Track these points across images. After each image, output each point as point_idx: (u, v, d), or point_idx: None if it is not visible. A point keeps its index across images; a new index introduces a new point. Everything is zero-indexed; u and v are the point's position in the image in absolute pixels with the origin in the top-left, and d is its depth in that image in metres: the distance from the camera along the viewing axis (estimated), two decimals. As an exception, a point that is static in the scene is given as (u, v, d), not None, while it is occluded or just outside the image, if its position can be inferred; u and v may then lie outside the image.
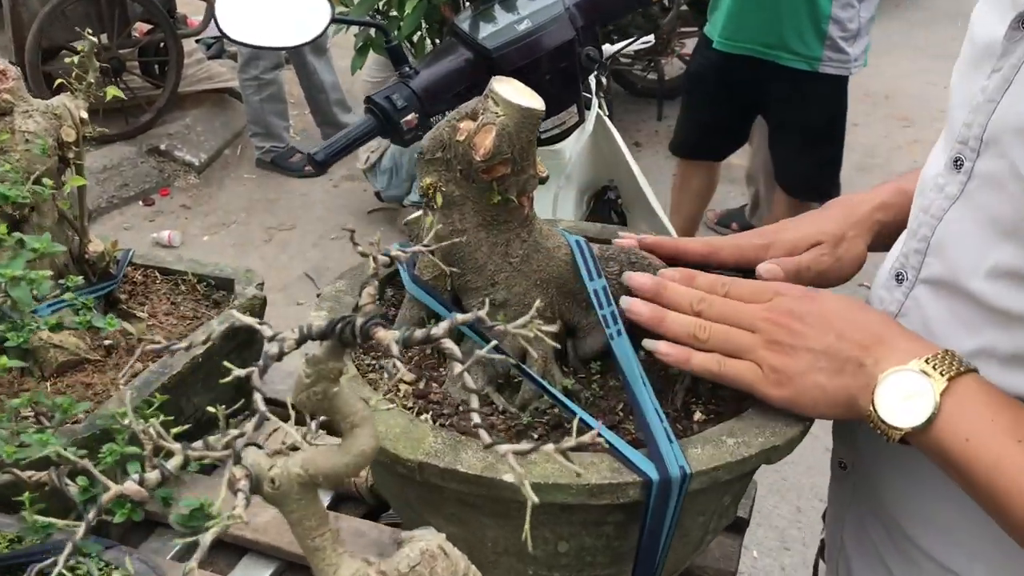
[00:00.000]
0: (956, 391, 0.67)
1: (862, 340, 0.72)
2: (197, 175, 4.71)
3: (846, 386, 0.72)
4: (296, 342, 0.50)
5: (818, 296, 0.78)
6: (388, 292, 1.01)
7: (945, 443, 0.68)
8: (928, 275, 0.77)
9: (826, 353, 0.73)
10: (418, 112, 1.51)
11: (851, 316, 0.75)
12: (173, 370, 1.03)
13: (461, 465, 0.73)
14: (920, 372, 0.68)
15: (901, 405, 0.69)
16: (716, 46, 2.85)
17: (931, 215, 0.76)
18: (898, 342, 0.72)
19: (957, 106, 0.77)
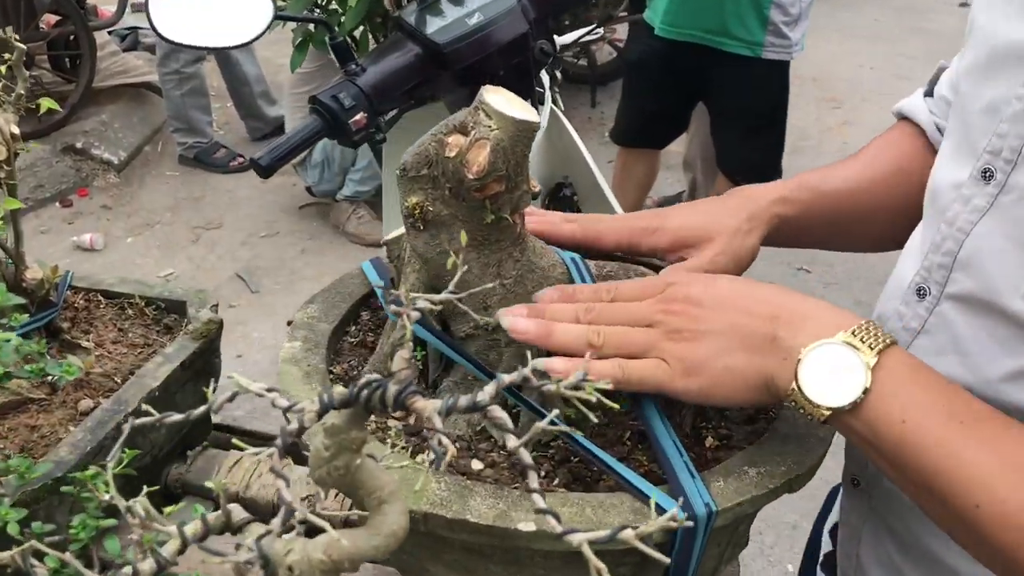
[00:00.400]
0: (887, 366, 0.63)
1: (770, 312, 0.68)
2: (117, 174, 4.51)
3: (761, 364, 0.67)
4: (317, 414, 0.43)
5: (712, 278, 0.74)
6: (364, 315, 0.94)
7: (878, 423, 0.63)
8: (956, 291, 0.73)
9: (732, 332, 0.68)
10: (367, 111, 1.44)
11: (751, 292, 0.71)
12: (128, 407, 0.95)
13: (471, 515, 0.67)
14: (847, 345, 0.63)
15: (828, 381, 0.63)
16: (658, 33, 2.82)
17: (957, 228, 0.72)
18: (814, 312, 0.67)
19: (977, 113, 0.72)
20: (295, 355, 0.83)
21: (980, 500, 0.59)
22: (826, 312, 0.67)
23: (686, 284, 0.72)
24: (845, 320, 0.66)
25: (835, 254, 3.89)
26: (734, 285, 0.72)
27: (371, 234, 4.00)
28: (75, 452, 0.88)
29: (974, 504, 0.59)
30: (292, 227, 4.18)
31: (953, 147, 0.77)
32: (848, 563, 0.88)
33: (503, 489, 0.69)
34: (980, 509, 0.59)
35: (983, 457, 0.60)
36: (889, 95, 5.30)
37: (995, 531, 0.59)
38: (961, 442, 0.60)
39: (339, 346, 0.89)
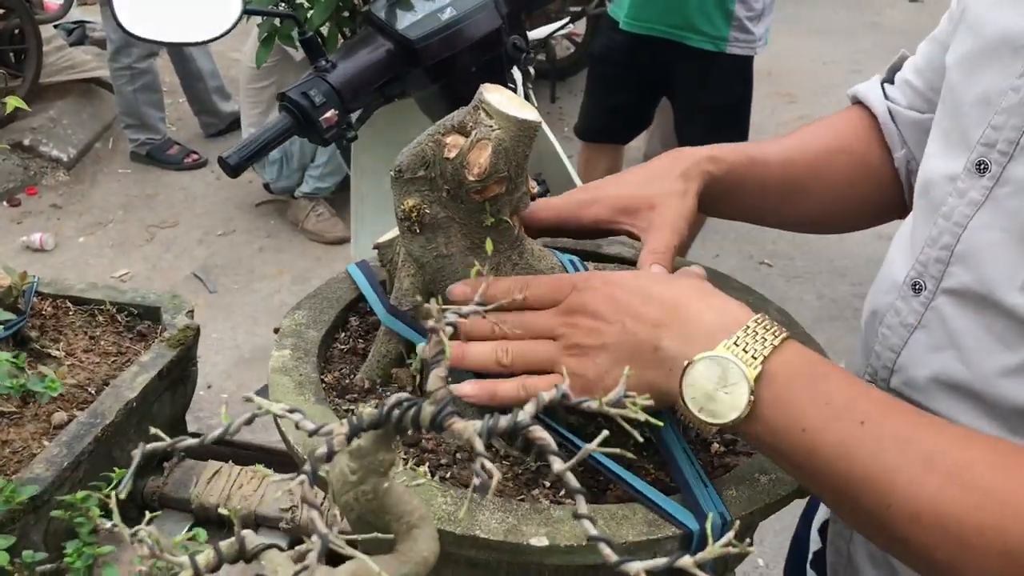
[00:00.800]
0: (776, 373, 0.60)
1: (655, 316, 0.65)
2: (66, 171, 4.39)
3: (647, 376, 0.64)
4: (347, 437, 0.41)
5: (613, 279, 0.70)
6: (352, 321, 0.91)
7: (776, 435, 0.61)
8: (952, 285, 0.72)
9: (621, 343, 0.65)
10: (337, 108, 1.40)
11: (645, 292, 0.67)
12: (106, 420, 0.91)
13: (480, 530, 0.64)
14: (729, 356, 0.61)
15: (712, 396, 0.61)
16: (623, 27, 2.80)
17: (953, 222, 0.71)
18: (701, 315, 0.64)
19: (970, 104, 0.72)
20: (285, 364, 0.80)
21: (890, 500, 0.57)
22: (714, 314, 0.64)
23: (589, 290, 0.69)
24: (729, 321, 0.63)
25: (795, 247, 3.92)
26: (633, 283, 0.69)
27: (331, 231, 3.94)
28: (52, 468, 0.84)
29: (885, 505, 0.58)
30: (249, 225, 4.10)
31: (943, 138, 0.76)
32: (839, 560, 0.87)
33: (511, 502, 0.67)
34: (891, 510, 0.57)
35: (888, 457, 0.58)
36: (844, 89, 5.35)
37: (909, 531, 0.57)
38: (865, 444, 0.58)
39: (329, 353, 0.86)
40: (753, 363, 0.60)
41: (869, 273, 3.75)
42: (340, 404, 0.79)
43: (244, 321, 3.43)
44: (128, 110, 4.42)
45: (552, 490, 0.72)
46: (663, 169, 0.84)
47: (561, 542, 0.63)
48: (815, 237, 3.97)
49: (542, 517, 0.65)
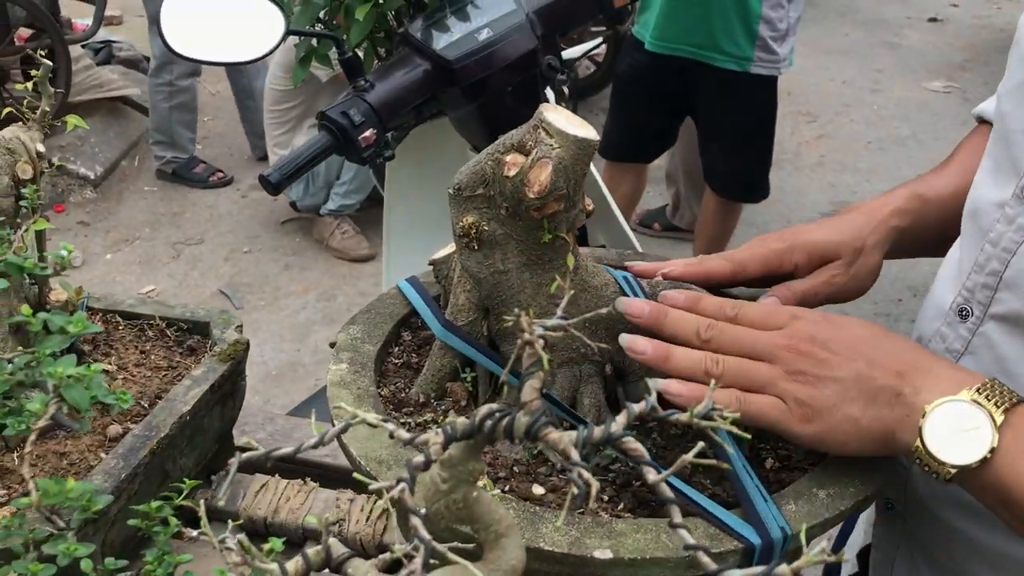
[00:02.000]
0: (1015, 423, 0.62)
1: (896, 367, 0.67)
2: (94, 189, 4.44)
3: (881, 418, 0.66)
4: (443, 446, 0.42)
5: (840, 320, 0.71)
6: (405, 336, 0.92)
7: (1006, 480, 0.62)
8: (1000, 311, 0.73)
9: (857, 382, 0.67)
10: (376, 127, 1.43)
11: (878, 342, 0.69)
12: (160, 432, 0.92)
13: (544, 542, 0.65)
14: (973, 403, 0.63)
15: (953, 439, 0.63)
16: (648, 47, 2.83)
17: (1002, 248, 0.72)
18: (939, 370, 0.66)
19: (1021, 132, 0.72)
20: (343, 378, 0.81)
21: None
22: (952, 371, 0.66)
23: (814, 323, 0.70)
24: (970, 379, 0.65)
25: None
26: (863, 332, 0.70)
27: (356, 249, 3.97)
28: (110, 480, 0.85)
29: None
30: (274, 242, 4.14)
31: (994, 166, 0.77)
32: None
33: (572, 515, 0.68)
34: None
35: None
36: (863, 108, 5.37)
37: None
38: None
39: (384, 367, 0.87)
40: (997, 411, 0.62)
41: (893, 293, 3.75)
42: (398, 417, 0.80)
43: (270, 338, 3.45)
44: (160, 127, 4.46)
45: (611, 504, 0.73)
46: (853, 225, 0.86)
47: (625, 555, 0.64)
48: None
49: (605, 530, 0.66)
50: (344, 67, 1.48)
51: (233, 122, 5.11)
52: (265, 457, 0.45)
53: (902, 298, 3.71)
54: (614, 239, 1.97)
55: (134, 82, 5.03)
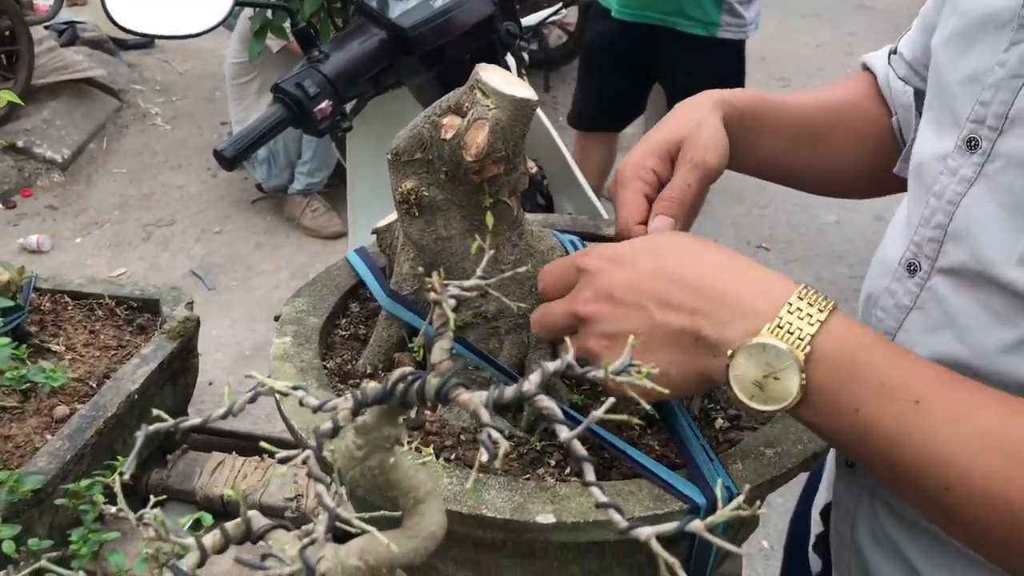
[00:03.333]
0: (826, 355, 0.58)
1: (690, 303, 0.62)
2: (62, 172, 4.38)
3: (689, 363, 0.62)
4: (352, 412, 0.41)
5: (626, 254, 0.66)
6: (353, 307, 0.90)
7: (828, 417, 0.59)
8: (947, 264, 0.71)
9: (651, 333, 0.63)
10: (332, 98, 1.40)
11: (666, 273, 0.64)
12: (108, 412, 0.91)
13: (487, 509, 0.64)
14: (774, 343, 0.58)
15: (764, 383, 0.59)
16: (615, 15, 2.80)
17: (946, 200, 0.70)
18: (735, 292, 0.62)
19: (958, 84, 0.71)
20: (287, 351, 0.80)
21: (948, 482, 0.56)
22: (752, 293, 0.62)
23: (598, 273, 0.67)
24: (772, 299, 0.60)
25: (793, 230, 3.92)
26: (649, 264, 0.65)
27: (327, 227, 3.94)
28: (55, 461, 0.84)
29: (943, 487, 0.57)
30: (246, 222, 4.09)
31: (934, 119, 0.76)
32: (842, 544, 0.86)
33: (516, 481, 0.67)
34: (950, 492, 0.57)
35: (944, 438, 0.56)
36: (837, 71, 5.36)
37: (967, 512, 0.56)
38: (920, 425, 0.57)
39: (330, 340, 0.86)
40: (800, 344, 0.58)
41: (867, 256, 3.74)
42: (343, 389, 0.79)
43: (243, 318, 3.43)
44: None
45: (557, 469, 0.72)
46: (685, 109, 0.83)
47: (567, 519, 0.63)
48: (810, 220, 3.97)
49: (548, 495, 0.65)
50: (298, 38, 1.45)
51: (203, 101, 5.04)
52: (173, 428, 0.43)
53: (876, 260, 3.72)
54: (581, 207, 1.96)
55: (99, 63, 4.96)
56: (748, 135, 0.86)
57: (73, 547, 0.59)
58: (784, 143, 0.90)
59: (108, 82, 4.95)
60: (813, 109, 0.91)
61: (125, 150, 4.60)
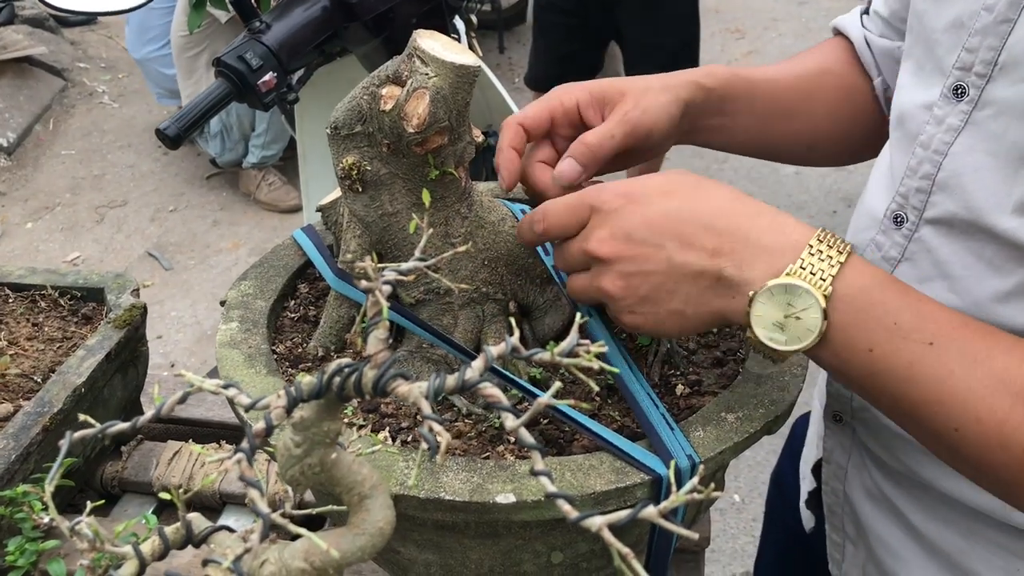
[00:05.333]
0: (845, 295, 0.59)
1: (711, 243, 0.62)
2: (8, 157, 4.27)
3: (707, 303, 0.62)
4: (286, 409, 0.38)
5: (641, 193, 0.65)
6: (301, 288, 0.88)
7: (844, 356, 0.60)
8: (936, 215, 0.70)
9: (670, 273, 0.62)
10: (276, 70, 1.36)
11: (686, 212, 0.63)
12: (54, 408, 0.88)
13: (445, 492, 0.62)
14: (797, 283, 0.59)
15: (783, 323, 0.60)
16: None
17: (932, 150, 0.69)
18: (756, 235, 0.61)
19: (941, 31, 0.69)
20: (233, 337, 0.77)
21: (958, 423, 0.57)
22: (770, 234, 0.61)
23: (613, 213, 0.65)
24: (790, 247, 0.60)
25: (752, 182, 3.92)
26: (667, 205, 0.64)
27: (284, 200, 3.88)
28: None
29: (953, 428, 0.58)
30: (201, 199, 4.02)
31: (915, 68, 0.74)
32: (835, 499, 0.86)
33: (475, 461, 0.65)
34: (959, 432, 0.58)
35: (957, 379, 0.57)
36: (791, 21, 5.34)
37: (977, 452, 0.58)
38: (933, 366, 0.58)
39: (279, 323, 0.83)
40: (822, 285, 0.59)
41: (827, 205, 3.77)
42: (294, 374, 0.77)
43: (203, 297, 3.38)
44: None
45: (517, 445, 0.70)
46: (645, 78, 0.80)
47: (528, 498, 0.62)
48: (771, 172, 3.98)
49: (507, 474, 0.64)
50: (237, 8, 1.40)
51: (149, 77, 4.92)
52: (100, 433, 0.41)
53: (836, 209, 3.74)
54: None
55: (41, 41, 4.82)
56: (720, 115, 0.84)
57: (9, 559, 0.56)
58: (759, 120, 0.88)
59: (51, 61, 4.82)
60: (788, 82, 0.89)
61: (72, 131, 4.49)
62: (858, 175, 3.82)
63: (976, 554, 0.74)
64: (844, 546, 0.88)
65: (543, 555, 0.70)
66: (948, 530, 0.76)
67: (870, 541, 0.83)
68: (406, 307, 0.77)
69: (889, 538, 0.81)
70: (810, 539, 0.97)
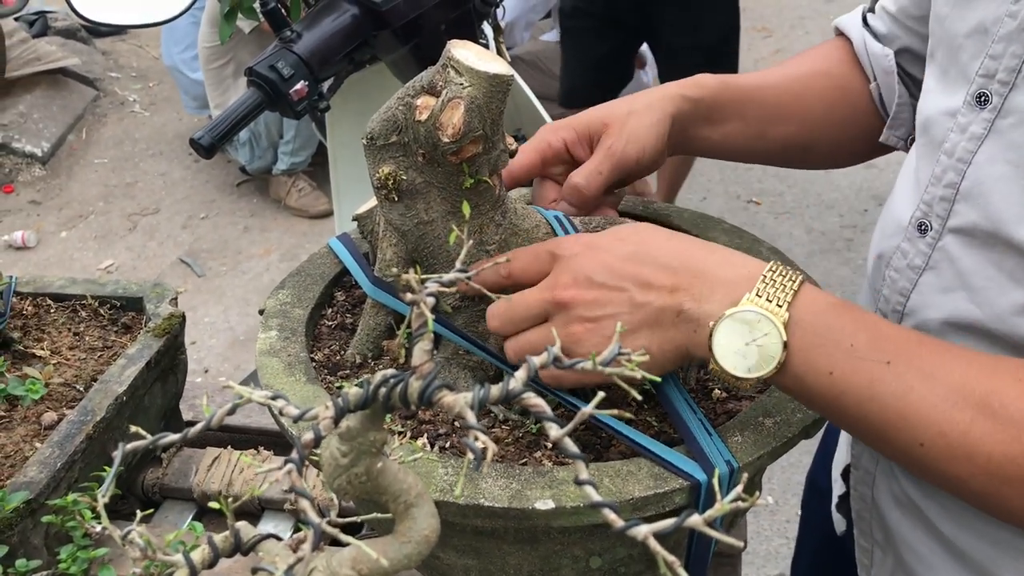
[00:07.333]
0: (801, 319, 0.60)
1: (669, 282, 0.63)
2: (42, 166, 4.33)
3: (671, 339, 0.63)
4: (334, 421, 0.39)
5: (601, 240, 0.67)
6: (338, 296, 0.89)
7: (805, 380, 0.61)
8: (959, 224, 0.69)
9: (632, 313, 0.64)
10: (307, 79, 1.37)
11: (643, 254, 0.65)
12: (96, 416, 0.89)
13: (484, 498, 0.63)
14: (755, 310, 0.60)
15: (744, 351, 0.60)
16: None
17: (956, 159, 0.68)
18: (712, 269, 0.63)
19: (965, 36, 0.69)
20: (272, 346, 0.78)
21: (923, 438, 0.58)
22: (724, 268, 0.63)
23: (573, 258, 0.67)
24: (745, 276, 0.62)
25: (781, 182, 3.90)
26: (624, 249, 0.66)
27: (314, 206, 3.91)
28: (45, 470, 0.82)
29: (918, 443, 0.58)
30: (231, 206, 4.06)
31: (940, 74, 0.74)
32: (863, 505, 0.86)
33: (513, 467, 0.66)
34: (925, 447, 0.58)
35: (916, 394, 0.58)
36: (818, 19, 5.30)
37: (945, 465, 0.58)
38: (892, 383, 0.58)
39: (317, 331, 0.84)
40: (779, 312, 0.60)
41: (858, 204, 3.74)
42: (332, 381, 0.78)
43: (235, 303, 3.41)
44: None
45: (555, 451, 0.71)
46: (633, 97, 0.82)
47: (567, 504, 0.62)
48: (801, 172, 3.95)
49: (546, 480, 0.64)
50: (268, 18, 1.41)
51: (180, 86, 4.98)
52: (152, 445, 0.42)
53: (867, 208, 3.70)
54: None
55: (73, 52, 4.89)
56: (709, 125, 0.84)
57: (61, 566, 0.57)
58: (751, 127, 0.88)
59: (83, 71, 4.89)
60: (782, 87, 0.89)
61: (105, 140, 4.55)
62: (889, 172, 3.79)
63: (1006, 563, 0.73)
64: (872, 552, 0.88)
65: (582, 560, 0.70)
66: (976, 538, 0.75)
67: (899, 548, 0.83)
68: (442, 314, 0.77)
69: (918, 545, 0.80)
70: (843, 542, 0.97)
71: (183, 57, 4.02)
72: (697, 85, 0.83)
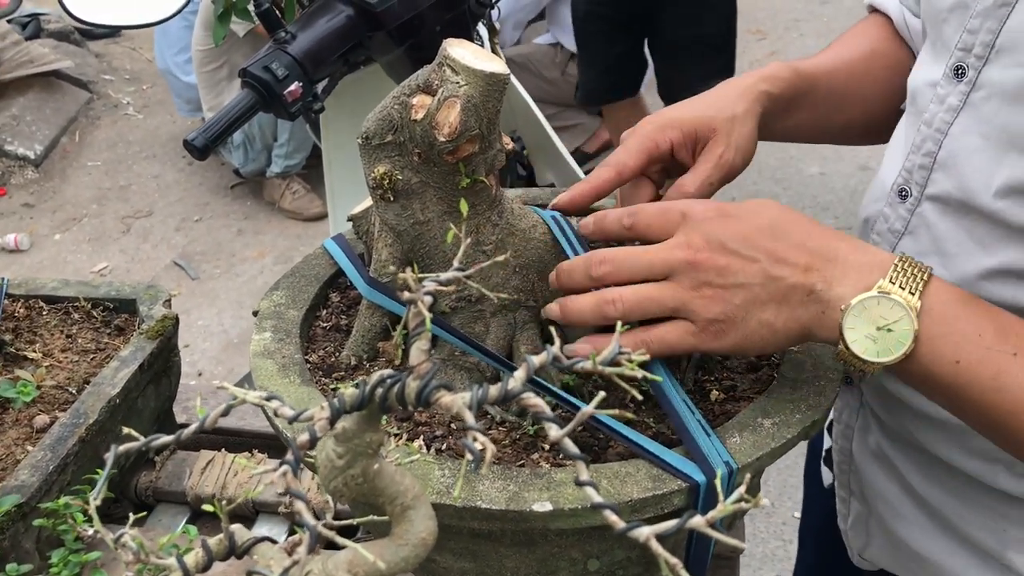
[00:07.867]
0: (932, 308, 0.61)
1: (803, 260, 0.63)
2: (35, 169, 4.31)
3: (797, 318, 0.63)
4: (330, 421, 0.38)
5: (734, 209, 0.66)
6: (333, 297, 0.88)
7: (931, 368, 0.61)
8: (935, 192, 0.72)
9: (764, 285, 0.63)
10: (301, 80, 1.37)
11: (779, 231, 0.65)
12: (89, 418, 0.88)
13: (481, 500, 0.62)
14: (888, 295, 0.60)
15: (874, 336, 0.61)
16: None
17: (935, 129, 0.71)
18: (846, 254, 0.63)
19: (947, 10, 0.71)
20: (267, 347, 0.78)
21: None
22: (858, 254, 0.63)
23: (707, 222, 0.65)
24: (879, 263, 0.62)
25: (777, 183, 3.90)
26: (760, 221, 0.65)
27: (308, 208, 3.90)
28: (37, 473, 0.81)
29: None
30: (225, 208, 4.05)
31: (928, 46, 0.77)
32: (843, 458, 0.89)
33: (510, 469, 0.65)
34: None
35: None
36: (813, 21, 5.31)
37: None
38: (1019, 375, 0.59)
39: (311, 332, 0.84)
40: (912, 300, 0.60)
41: (853, 206, 3.73)
42: (327, 383, 0.77)
43: (229, 306, 3.40)
44: None
45: (552, 453, 0.70)
46: (722, 94, 0.81)
47: (565, 506, 0.62)
48: (795, 173, 3.96)
49: (543, 482, 0.64)
50: (262, 19, 1.41)
51: (173, 88, 4.97)
52: (145, 447, 0.41)
53: (861, 210, 3.71)
54: (563, 177, 1.93)
55: (66, 54, 4.87)
56: (784, 118, 0.85)
57: (53, 570, 0.57)
58: (819, 116, 0.89)
59: (77, 74, 4.87)
60: (843, 73, 0.89)
61: (98, 142, 4.54)
62: (883, 175, 3.79)
63: (968, 515, 0.77)
64: (850, 502, 0.91)
65: (579, 563, 0.69)
66: (943, 492, 0.78)
67: (873, 499, 0.86)
68: (438, 315, 0.77)
69: (890, 496, 0.83)
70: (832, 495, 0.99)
71: (176, 60, 4.01)
72: (776, 79, 0.83)
